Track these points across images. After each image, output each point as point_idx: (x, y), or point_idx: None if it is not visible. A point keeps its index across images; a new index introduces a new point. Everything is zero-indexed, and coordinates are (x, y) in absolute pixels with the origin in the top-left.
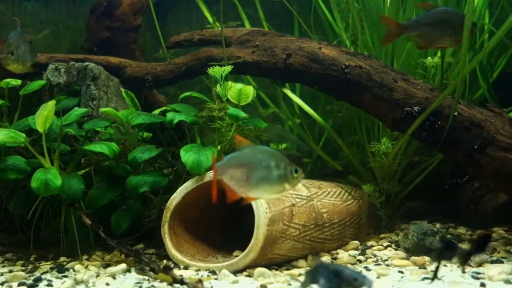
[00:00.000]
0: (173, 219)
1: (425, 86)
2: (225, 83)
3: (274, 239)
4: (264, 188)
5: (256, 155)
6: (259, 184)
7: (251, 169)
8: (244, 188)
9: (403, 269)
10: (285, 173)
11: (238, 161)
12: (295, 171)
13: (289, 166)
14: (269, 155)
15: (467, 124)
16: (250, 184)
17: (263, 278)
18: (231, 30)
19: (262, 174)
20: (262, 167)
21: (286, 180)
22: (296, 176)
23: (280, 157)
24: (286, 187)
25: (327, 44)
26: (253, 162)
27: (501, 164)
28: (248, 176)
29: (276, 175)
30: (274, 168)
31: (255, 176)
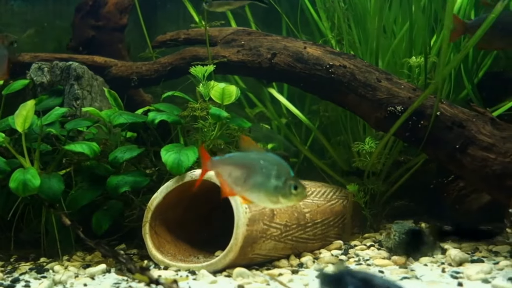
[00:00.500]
0: (155, 219)
1: (408, 86)
2: (208, 82)
3: (254, 239)
4: (259, 195)
5: (260, 160)
6: (254, 189)
7: (250, 172)
8: (241, 189)
9: (384, 269)
10: (284, 187)
11: (240, 161)
12: (294, 188)
13: (290, 181)
14: (272, 163)
15: (449, 124)
16: (247, 186)
17: (242, 278)
18: (217, 30)
19: (259, 180)
20: (261, 173)
21: (283, 194)
22: (295, 193)
23: (283, 168)
24: (281, 201)
25: (312, 44)
26: (254, 166)
27: (481, 163)
28: (246, 178)
29: (273, 185)
30: (273, 178)
31: (252, 179)
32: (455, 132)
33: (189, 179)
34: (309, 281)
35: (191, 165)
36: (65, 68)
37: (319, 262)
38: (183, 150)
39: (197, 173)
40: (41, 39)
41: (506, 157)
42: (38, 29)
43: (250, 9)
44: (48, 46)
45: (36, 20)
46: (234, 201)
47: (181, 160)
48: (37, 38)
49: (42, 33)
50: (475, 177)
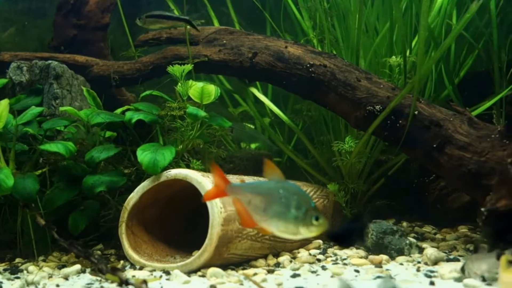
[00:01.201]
0: (131, 219)
1: (388, 85)
2: (186, 81)
3: (229, 239)
4: (278, 225)
5: (279, 189)
6: (274, 219)
7: (270, 201)
8: (260, 218)
9: (360, 268)
10: (304, 217)
11: (260, 189)
12: (315, 218)
13: (311, 211)
14: (292, 193)
15: (427, 123)
16: (266, 216)
17: (216, 278)
18: (199, 29)
19: (279, 209)
20: (281, 202)
21: (304, 225)
22: (316, 224)
23: (304, 198)
24: (301, 232)
25: (293, 43)
26: (274, 195)
27: (458, 163)
28: (266, 207)
29: (293, 216)
30: (293, 208)
31: (272, 209)
32: (433, 131)
33: (165, 179)
34: (283, 281)
35: (167, 164)
36: (44, 67)
37: (296, 262)
38: (160, 149)
39: (172, 172)
40: (23, 38)
41: (481, 156)
42: (19, 28)
43: (234, 8)
44: (29, 45)
45: (17, 19)
46: (210, 201)
47: (157, 160)
48: (18, 37)
49: (23, 32)
50: (451, 176)
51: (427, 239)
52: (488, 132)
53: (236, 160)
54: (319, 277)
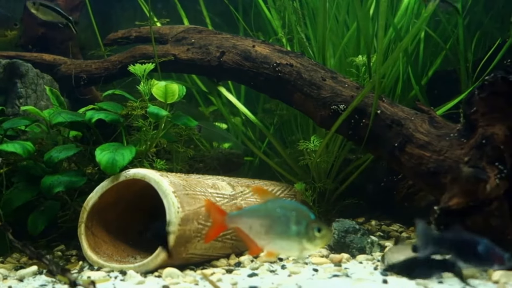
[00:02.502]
0: (91, 220)
1: (352, 84)
2: (149, 81)
3: (187, 239)
4: (282, 244)
5: (277, 208)
6: (277, 239)
7: (269, 222)
8: (264, 241)
9: (319, 267)
10: (306, 231)
11: (257, 213)
12: (318, 230)
13: (312, 224)
14: (290, 209)
15: (389, 122)
16: (269, 238)
17: (171, 278)
18: (168, 28)
19: (279, 229)
20: (280, 221)
21: (308, 239)
22: (319, 236)
23: (302, 212)
24: (307, 247)
25: (261, 42)
26: (272, 216)
27: (418, 161)
28: (267, 229)
29: (295, 232)
30: (293, 224)
31: (273, 230)
32: (394, 130)
33: (124, 179)
34: (239, 280)
35: (126, 164)
36: (8, 66)
37: (257, 261)
38: (120, 149)
39: (131, 172)
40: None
41: (440, 155)
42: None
43: (208, 6)
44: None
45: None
46: (166, 201)
47: (116, 160)
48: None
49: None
50: (412, 174)
51: (393, 237)
52: (448, 131)
53: (207, 160)
54: (276, 276)
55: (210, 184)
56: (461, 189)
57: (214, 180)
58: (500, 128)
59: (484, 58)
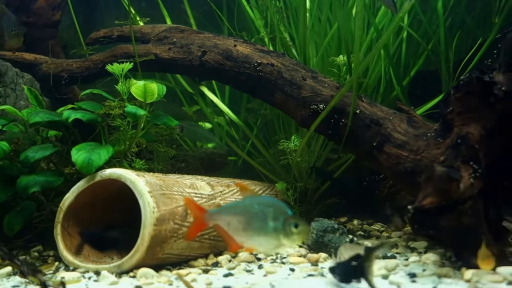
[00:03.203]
0: (67, 220)
1: (332, 84)
2: (128, 80)
3: (163, 239)
4: (259, 240)
5: (254, 204)
6: (254, 235)
7: (247, 219)
8: (242, 238)
9: (296, 267)
10: (283, 227)
11: (235, 209)
12: (295, 226)
13: (289, 220)
14: (267, 206)
15: (368, 122)
16: (247, 235)
17: (146, 279)
18: (150, 27)
19: (257, 225)
20: (257, 217)
21: (285, 235)
22: (296, 231)
23: (279, 208)
24: (284, 242)
25: (243, 42)
26: (250, 212)
27: (396, 161)
28: (245, 226)
29: (272, 228)
30: (271, 220)
31: (251, 226)
32: (373, 130)
33: (100, 179)
34: (214, 280)
35: (102, 164)
36: None
37: (235, 261)
38: (96, 149)
39: (107, 172)
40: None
41: (417, 154)
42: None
43: (194, 5)
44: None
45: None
46: (142, 201)
47: (92, 160)
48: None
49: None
50: (390, 174)
51: (373, 236)
52: (425, 131)
53: (189, 159)
54: (251, 276)
55: (188, 184)
56: (435, 189)
57: (193, 180)
58: (475, 128)
59: (465, 58)
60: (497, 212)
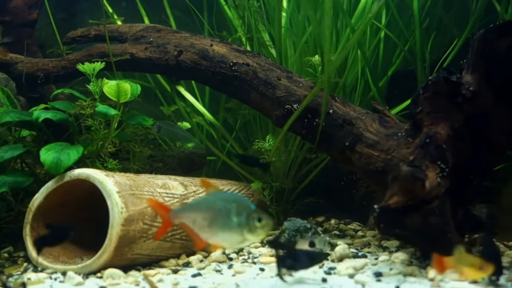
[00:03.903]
0: (37, 221)
1: (307, 84)
2: (100, 79)
3: (132, 239)
4: (224, 236)
5: (217, 201)
6: (219, 231)
7: (211, 215)
8: (207, 234)
9: (266, 266)
10: (247, 222)
11: (199, 206)
12: (258, 220)
13: (253, 214)
14: (230, 201)
15: (340, 122)
16: (212, 231)
17: (112, 279)
18: (127, 26)
19: (221, 221)
20: (221, 214)
21: (249, 229)
22: (260, 226)
23: (243, 204)
24: (248, 237)
25: (219, 41)
26: (214, 209)
27: (367, 160)
28: (210, 222)
29: (236, 223)
30: (234, 216)
31: (215, 222)
32: (345, 129)
33: (69, 179)
34: (181, 280)
35: (71, 164)
36: None
37: (206, 261)
38: (66, 149)
39: (75, 172)
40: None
41: (388, 154)
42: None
43: (173, 5)
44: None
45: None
46: (110, 201)
47: (61, 160)
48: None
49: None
50: (363, 173)
51: (348, 236)
52: (396, 130)
53: (167, 159)
54: (220, 276)
55: (160, 184)
56: (400, 188)
57: (166, 179)
58: (443, 128)
59: (441, 58)
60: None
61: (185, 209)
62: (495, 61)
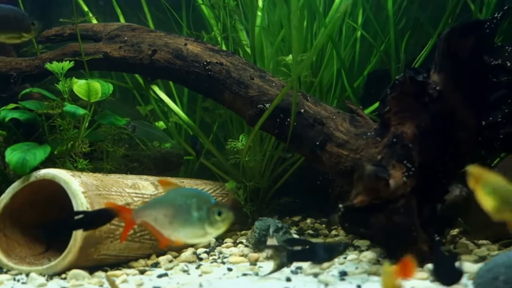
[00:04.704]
0: (3, 221)
1: (280, 83)
2: (69, 79)
3: (98, 240)
4: (185, 232)
5: (177, 197)
6: (180, 228)
7: (172, 212)
8: (169, 232)
9: (234, 266)
10: (208, 216)
11: (160, 204)
12: (218, 214)
13: (213, 208)
14: (190, 197)
15: (311, 121)
16: (173, 228)
17: (76, 280)
18: (102, 25)
19: (182, 217)
20: (181, 210)
21: (209, 223)
22: (220, 219)
23: (202, 198)
24: (209, 231)
25: (194, 41)
26: (174, 205)
27: (337, 160)
28: (171, 219)
29: (196, 218)
30: (194, 211)
31: (176, 219)
32: (316, 129)
33: (35, 179)
34: (146, 281)
35: (37, 164)
36: None
37: (175, 261)
38: (33, 149)
39: (41, 172)
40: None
41: (356, 153)
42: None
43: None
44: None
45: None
46: (75, 202)
47: (26, 160)
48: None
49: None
50: (333, 173)
51: (321, 235)
52: (366, 130)
53: (143, 159)
54: (186, 276)
55: (130, 184)
56: (365, 187)
57: (136, 179)
58: (409, 127)
59: (416, 58)
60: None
61: (146, 208)
62: (460, 61)
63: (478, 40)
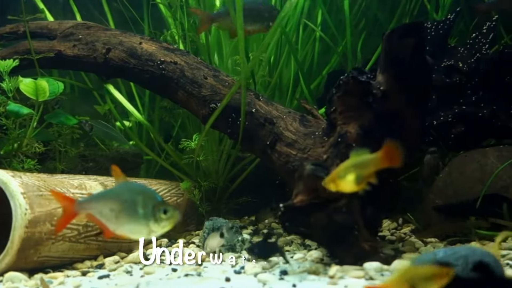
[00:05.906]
0: None
1: (233, 83)
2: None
3: (38, 241)
4: (130, 227)
5: (124, 192)
6: (125, 223)
7: (118, 206)
8: (113, 225)
9: (179, 267)
10: (153, 213)
11: (106, 197)
12: (164, 212)
13: (158, 206)
14: (136, 193)
15: (262, 121)
16: (118, 222)
17: (12, 283)
18: (57, 23)
19: (127, 212)
20: (127, 205)
21: (155, 221)
22: (165, 217)
23: (148, 195)
24: (154, 228)
25: (149, 39)
26: (120, 199)
27: (286, 159)
28: (116, 214)
29: (141, 215)
30: (140, 207)
31: (122, 213)
32: (267, 128)
33: None
34: (85, 283)
35: None
36: None
37: (122, 262)
38: None
39: None
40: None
41: (304, 153)
42: None
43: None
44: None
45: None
46: (13, 202)
47: None
48: None
49: None
50: (282, 172)
51: (275, 234)
52: (315, 130)
53: (100, 159)
54: (128, 277)
55: (76, 184)
56: (305, 187)
57: (84, 180)
58: (353, 127)
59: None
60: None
61: (91, 200)
62: (402, 62)
63: (419, 41)
